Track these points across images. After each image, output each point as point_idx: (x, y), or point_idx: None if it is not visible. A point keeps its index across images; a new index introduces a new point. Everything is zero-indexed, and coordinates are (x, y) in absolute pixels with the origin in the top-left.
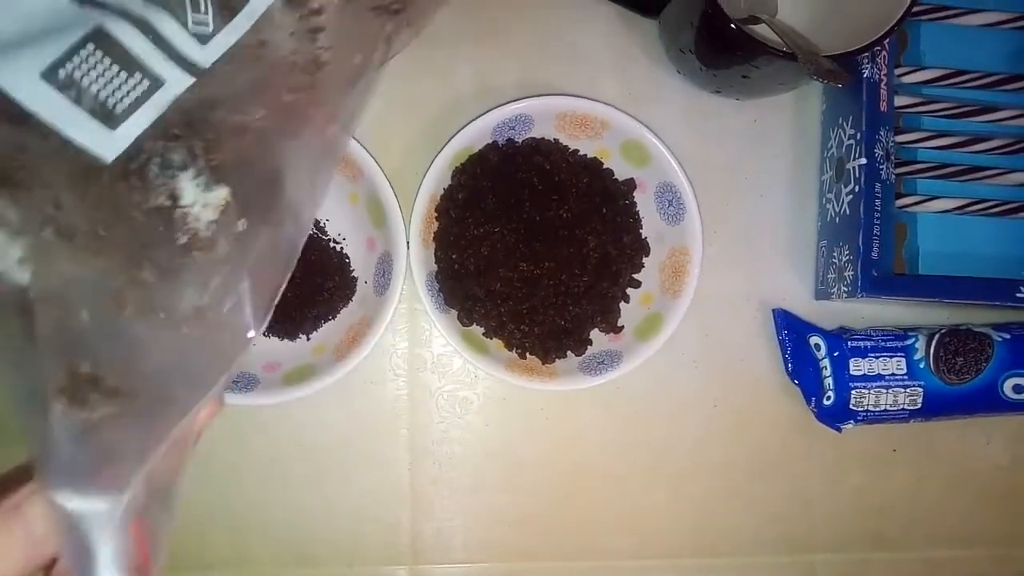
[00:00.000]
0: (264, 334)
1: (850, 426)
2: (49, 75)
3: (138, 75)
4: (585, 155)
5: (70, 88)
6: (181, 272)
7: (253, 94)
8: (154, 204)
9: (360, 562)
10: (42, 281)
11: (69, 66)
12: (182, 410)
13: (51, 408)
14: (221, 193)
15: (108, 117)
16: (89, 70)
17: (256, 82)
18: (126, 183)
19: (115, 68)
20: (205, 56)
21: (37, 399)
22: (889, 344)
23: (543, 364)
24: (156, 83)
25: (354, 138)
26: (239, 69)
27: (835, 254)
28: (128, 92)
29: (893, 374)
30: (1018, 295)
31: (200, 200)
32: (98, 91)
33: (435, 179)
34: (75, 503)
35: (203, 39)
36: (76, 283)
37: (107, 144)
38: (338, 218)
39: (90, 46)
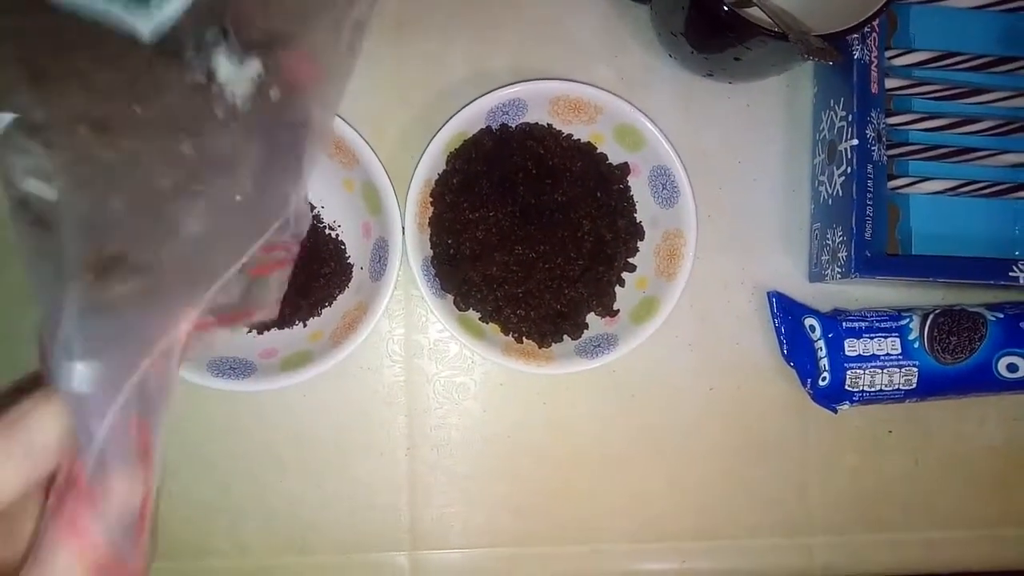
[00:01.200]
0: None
1: (846, 407)
2: None
3: None
4: (579, 140)
5: None
6: (219, 145)
7: None
8: (191, 81)
9: (358, 549)
10: (72, 174)
11: None
12: (205, 287)
13: (75, 285)
14: (253, 66)
15: (143, 1)
16: None
17: None
18: (163, 60)
19: None
20: None
21: (56, 282)
22: (884, 324)
23: (540, 348)
24: None
25: (348, 124)
26: None
27: (828, 236)
28: None
29: (888, 354)
30: (1011, 274)
31: (235, 75)
32: None
33: (430, 164)
34: (83, 374)
35: None
36: (111, 170)
37: (143, 22)
38: (333, 205)
39: None
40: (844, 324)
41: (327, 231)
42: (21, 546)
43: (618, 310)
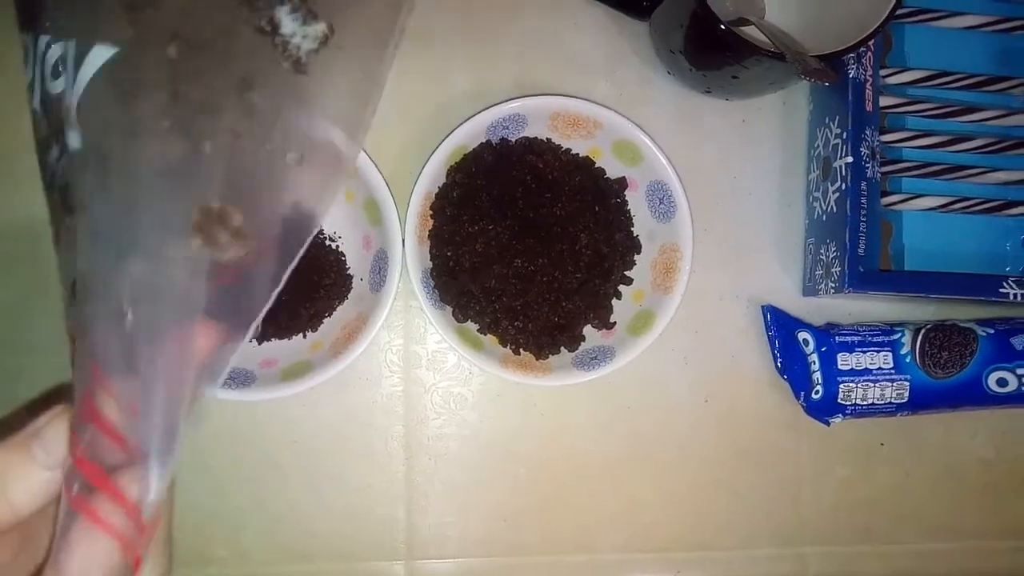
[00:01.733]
0: (259, 335)
1: (838, 420)
2: None
3: None
4: (577, 154)
5: None
6: (286, 97)
7: None
8: (257, 24)
9: (356, 558)
10: (171, 109)
11: None
12: (289, 257)
13: (187, 244)
14: (319, 27)
15: None
16: None
17: None
18: None
19: None
20: None
21: (146, 244)
22: (876, 339)
23: (537, 360)
24: None
25: None
26: None
27: (822, 251)
28: None
29: (880, 368)
30: (1001, 290)
31: (299, 32)
32: None
33: (430, 177)
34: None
35: None
36: (199, 112)
37: None
38: (334, 216)
39: None
40: (837, 338)
41: (328, 242)
42: (39, 556)
43: (615, 323)
